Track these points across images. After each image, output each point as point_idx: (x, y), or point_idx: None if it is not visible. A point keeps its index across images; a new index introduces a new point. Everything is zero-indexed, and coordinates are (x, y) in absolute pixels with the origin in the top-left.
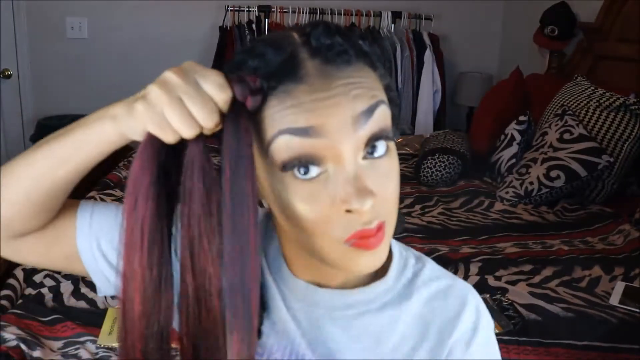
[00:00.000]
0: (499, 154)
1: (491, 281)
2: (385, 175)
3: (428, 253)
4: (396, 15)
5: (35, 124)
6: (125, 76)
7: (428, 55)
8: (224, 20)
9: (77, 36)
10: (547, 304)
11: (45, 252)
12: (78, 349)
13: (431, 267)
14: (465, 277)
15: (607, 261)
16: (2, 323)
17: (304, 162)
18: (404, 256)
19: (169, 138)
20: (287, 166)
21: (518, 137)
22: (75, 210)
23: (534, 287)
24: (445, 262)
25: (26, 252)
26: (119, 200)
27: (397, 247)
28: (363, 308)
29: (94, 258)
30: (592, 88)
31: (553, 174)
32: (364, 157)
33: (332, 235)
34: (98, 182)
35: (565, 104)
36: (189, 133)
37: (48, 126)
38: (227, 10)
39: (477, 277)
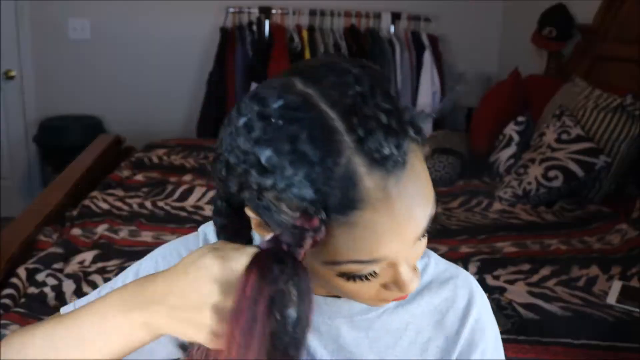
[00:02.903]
0: (497, 154)
1: (490, 280)
2: (424, 242)
3: None
4: (395, 17)
5: (37, 124)
6: (128, 77)
7: (427, 56)
8: (224, 22)
9: (80, 37)
10: (545, 303)
11: None
12: None
13: (435, 259)
14: None
15: (604, 260)
16: (5, 322)
17: (362, 273)
18: None
19: None
20: (345, 276)
21: (516, 137)
22: None
23: (532, 286)
24: None
25: None
26: (120, 199)
27: None
28: (381, 309)
29: None
30: (590, 89)
31: (551, 174)
32: None
33: (370, 300)
34: (100, 182)
35: (563, 104)
36: None
37: (50, 127)
38: (228, 12)
39: (476, 277)
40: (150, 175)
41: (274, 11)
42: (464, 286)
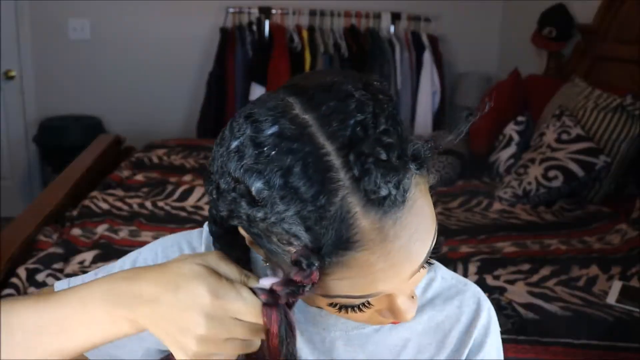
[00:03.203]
0: (497, 154)
1: (490, 280)
2: (424, 270)
3: None
4: (395, 17)
5: (37, 124)
6: (127, 77)
7: (427, 56)
8: (224, 22)
9: (80, 37)
10: (545, 303)
11: None
12: None
13: (442, 273)
14: (464, 277)
15: (604, 260)
16: None
17: (356, 304)
18: None
19: None
20: (336, 306)
21: (516, 137)
22: None
23: (532, 286)
24: (444, 261)
25: None
26: (120, 199)
27: None
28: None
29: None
30: (590, 89)
31: (551, 174)
32: None
33: (369, 322)
34: (100, 182)
35: (563, 104)
36: (251, 349)
37: (50, 127)
38: (228, 12)
39: (476, 277)
40: (150, 175)
41: (274, 11)
42: (470, 303)
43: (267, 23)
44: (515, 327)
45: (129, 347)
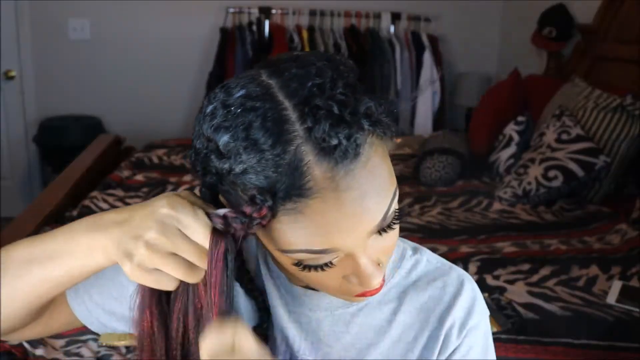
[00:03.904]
0: (497, 154)
1: (490, 280)
2: (391, 236)
3: None
4: (395, 17)
5: (37, 124)
6: (127, 77)
7: (427, 56)
8: (224, 22)
9: (80, 37)
10: (545, 303)
11: (44, 329)
12: (80, 347)
13: (429, 257)
14: None
15: (604, 260)
16: None
17: (318, 263)
18: (401, 248)
19: (169, 287)
20: (300, 265)
21: (516, 137)
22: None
23: (532, 286)
24: None
25: (27, 335)
26: (120, 199)
27: None
28: (362, 303)
29: (89, 313)
30: (590, 89)
31: (551, 174)
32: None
33: (337, 292)
34: (100, 182)
35: (563, 104)
36: (192, 279)
37: (50, 127)
38: (228, 12)
39: (476, 277)
40: (150, 175)
41: (274, 11)
42: (454, 283)
43: (267, 23)
44: (515, 327)
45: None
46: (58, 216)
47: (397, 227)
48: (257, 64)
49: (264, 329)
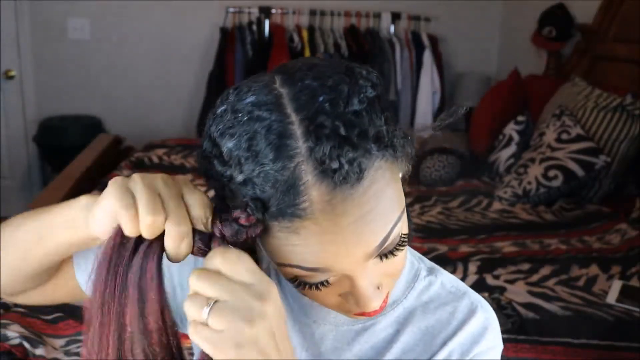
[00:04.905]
0: (497, 153)
1: (489, 280)
2: (394, 264)
3: (427, 252)
4: (395, 17)
5: (37, 124)
6: (127, 77)
7: (427, 56)
8: (224, 22)
9: (79, 37)
10: (545, 302)
11: (50, 297)
12: (80, 347)
13: (444, 280)
14: (464, 276)
15: (604, 260)
16: (5, 321)
17: (313, 281)
18: (415, 268)
19: (130, 226)
20: (295, 282)
21: (516, 137)
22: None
23: (532, 285)
24: (443, 261)
25: (34, 300)
26: None
27: (410, 259)
28: (369, 321)
29: None
30: (590, 89)
31: (551, 173)
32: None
33: (336, 308)
34: (100, 182)
35: (563, 104)
36: (155, 225)
37: (50, 127)
38: (228, 12)
39: (476, 276)
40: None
41: (274, 11)
42: (464, 310)
43: (267, 23)
44: (515, 326)
45: None
46: None
47: (401, 253)
48: (276, 66)
49: None
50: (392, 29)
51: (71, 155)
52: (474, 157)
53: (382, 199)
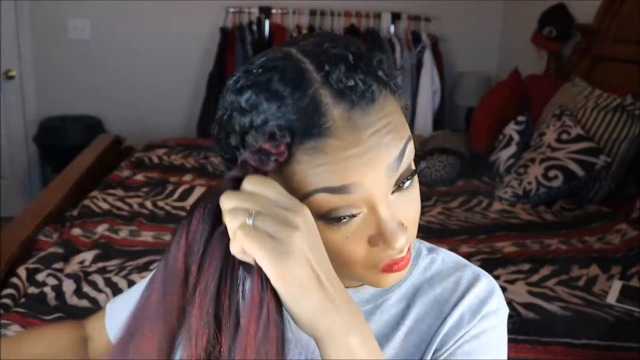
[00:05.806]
0: (497, 154)
1: None
2: (411, 201)
3: None
4: (395, 17)
5: (37, 124)
6: (127, 77)
7: (427, 56)
8: (224, 22)
9: (79, 37)
10: (545, 302)
11: None
12: None
13: (444, 256)
14: None
15: (604, 260)
16: (5, 322)
17: (340, 213)
18: (417, 247)
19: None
20: (324, 217)
21: (516, 137)
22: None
23: (532, 286)
24: None
25: None
26: (120, 199)
27: None
28: (380, 300)
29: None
30: (590, 89)
31: (551, 174)
32: (393, 192)
33: (364, 266)
34: (100, 182)
35: (563, 104)
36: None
37: (50, 127)
38: (228, 12)
39: None
40: (150, 175)
41: (274, 11)
42: (468, 278)
43: (267, 23)
44: (515, 327)
45: None
46: (58, 216)
47: (415, 189)
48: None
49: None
50: (392, 29)
51: (71, 155)
52: (474, 157)
53: (394, 118)
